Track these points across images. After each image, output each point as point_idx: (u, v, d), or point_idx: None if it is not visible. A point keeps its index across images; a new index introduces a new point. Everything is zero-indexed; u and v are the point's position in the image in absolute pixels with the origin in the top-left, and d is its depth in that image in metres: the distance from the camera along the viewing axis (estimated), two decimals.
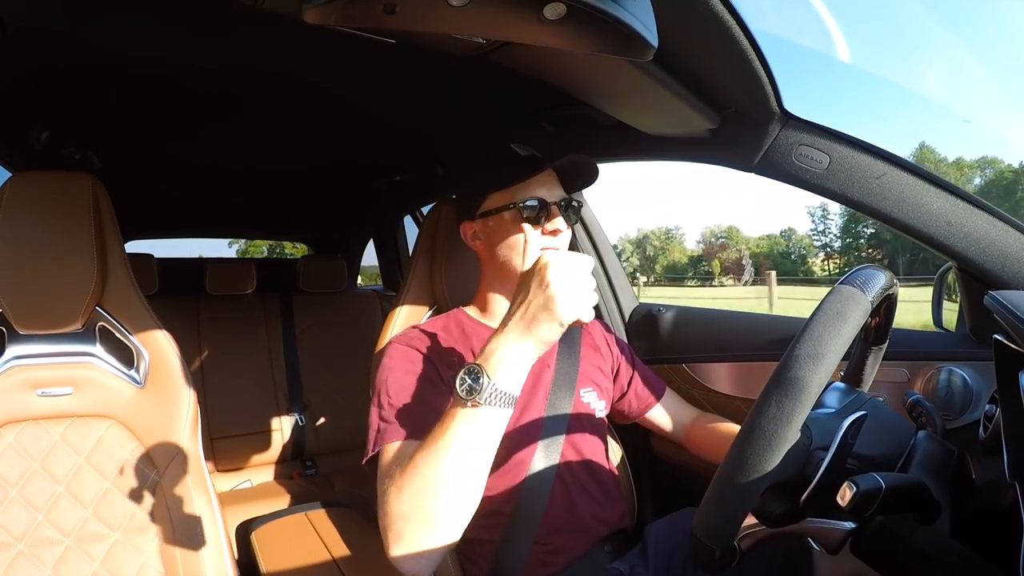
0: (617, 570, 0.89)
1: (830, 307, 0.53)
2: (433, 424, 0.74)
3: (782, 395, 0.49)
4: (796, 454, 0.54)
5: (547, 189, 0.89)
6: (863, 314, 0.52)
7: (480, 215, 0.92)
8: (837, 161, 0.89)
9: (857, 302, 0.53)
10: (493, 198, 0.90)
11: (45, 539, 0.90)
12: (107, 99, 1.14)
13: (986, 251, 0.84)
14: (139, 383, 0.96)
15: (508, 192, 0.88)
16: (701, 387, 1.28)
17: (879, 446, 0.61)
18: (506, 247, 0.89)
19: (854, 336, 0.52)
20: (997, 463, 0.56)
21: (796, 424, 0.49)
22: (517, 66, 0.80)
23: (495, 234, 0.90)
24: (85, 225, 0.90)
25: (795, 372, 0.50)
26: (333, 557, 1.09)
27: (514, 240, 0.88)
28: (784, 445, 0.49)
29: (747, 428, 0.51)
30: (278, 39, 0.86)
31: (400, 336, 0.93)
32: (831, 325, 0.51)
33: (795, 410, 0.49)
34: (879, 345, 0.68)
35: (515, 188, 0.88)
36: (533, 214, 0.87)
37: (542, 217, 0.87)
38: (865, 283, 0.54)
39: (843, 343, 0.50)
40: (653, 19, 0.54)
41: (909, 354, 0.97)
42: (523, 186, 0.87)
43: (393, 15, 0.51)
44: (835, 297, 0.53)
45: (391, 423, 0.79)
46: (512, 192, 0.88)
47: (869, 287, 0.54)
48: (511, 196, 0.88)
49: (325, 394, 2.17)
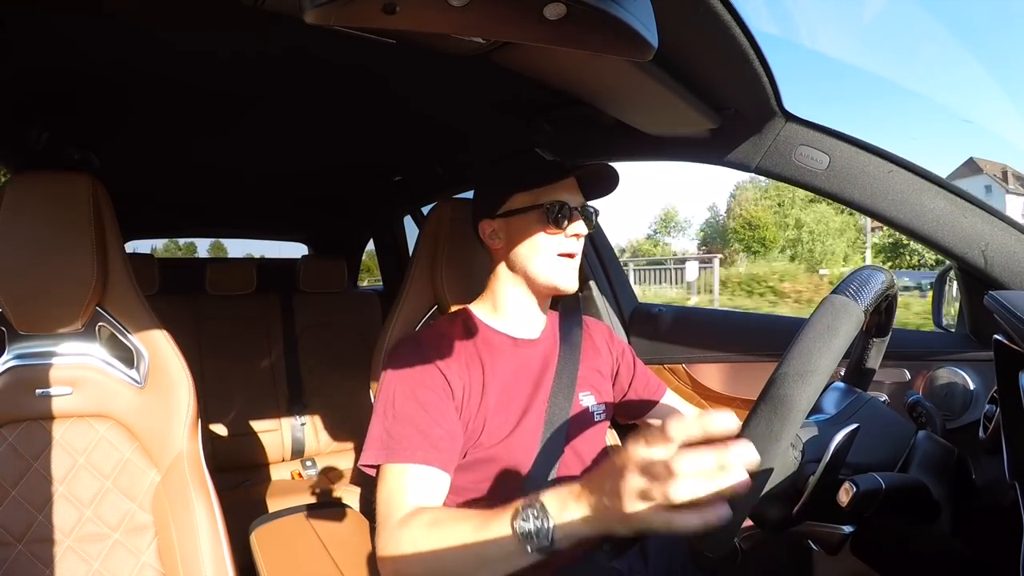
0: (616, 570, 0.89)
1: (820, 320, 0.51)
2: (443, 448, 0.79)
3: (771, 413, 0.49)
4: (787, 468, 0.54)
5: (569, 194, 0.91)
6: (856, 325, 0.51)
7: (502, 214, 0.93)
8: (837, 161, 0.89)
9: (849, 313, 0.51)
10: (517, 198, 0.91)
11: (44, 539, 0.90)
12: (107, 99, 1.14)
13: (986, 251, 0.84)
14: (139, 383, 0.96)
15: (533, 194, 0.90)
16: (701, 387, 1.28)
17: (876, 451, 0.61)
18: (527, 246, 0.91)
19: (846, 348, 0.51)
20: (997, 463, 0.56)
21: (785, 441, 0.49)
22: (517, 66, 0.80)
23: (516, 233, 0.91)
24: (85, 225, 0.90)
25: (783, 390, 0.49)
26: (333, 557, 1.09)
27: (534, 240, 0.90)
28: (774, 462, 0.49)
29: None
30: (278, 39, 0.86)
31: (408, 340, 0.93)
32: (820, 340, 0.50)
33: (784, 428, 0.49)
34: (881, 338, 0.68)
35: (540, 190, 0.90)
36: (555, 216, 0.89)
37: (564, 220, 0.89)
38: (859, 291, 0.53)
39: (833, 358, 0.50)
40: (653, 19, 0.54)
41: (909, 354, 0.97)
42: (549, 189, 0.90)
43: (393, 15, 0.51)
44: (826, 309, 0.52)
45: (398, 440, 0.80)
46: (537, 194, 0.90)
47: (863, 295, 0.53)
48: (536, 198, 0.90)
49: (325, 394, 2.17)
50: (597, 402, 0.99)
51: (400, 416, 0.81)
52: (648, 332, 1.40)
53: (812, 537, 0.59)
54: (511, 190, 0.92)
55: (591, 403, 0.98)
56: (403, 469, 0.78)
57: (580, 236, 0.91)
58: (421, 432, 0.80)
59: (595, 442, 0.98)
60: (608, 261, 1.49)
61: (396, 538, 0.71)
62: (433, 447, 0.79)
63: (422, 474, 0.78)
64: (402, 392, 0.84)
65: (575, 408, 0.95)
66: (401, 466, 0.78)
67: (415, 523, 0.70)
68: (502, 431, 0.88)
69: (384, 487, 0.78)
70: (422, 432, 0.80)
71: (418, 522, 0.70)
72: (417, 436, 0.79)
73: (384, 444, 0.80)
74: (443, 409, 0.83)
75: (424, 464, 0.78)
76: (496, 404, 0.88)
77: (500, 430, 0.87)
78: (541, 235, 0.90)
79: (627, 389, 1.07)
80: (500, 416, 0.88)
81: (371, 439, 0.83)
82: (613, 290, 1.48)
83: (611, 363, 1.06)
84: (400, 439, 0.80)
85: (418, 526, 0.70)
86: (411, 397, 0.83)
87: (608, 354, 1.07)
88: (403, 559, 0.69)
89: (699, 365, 1.29)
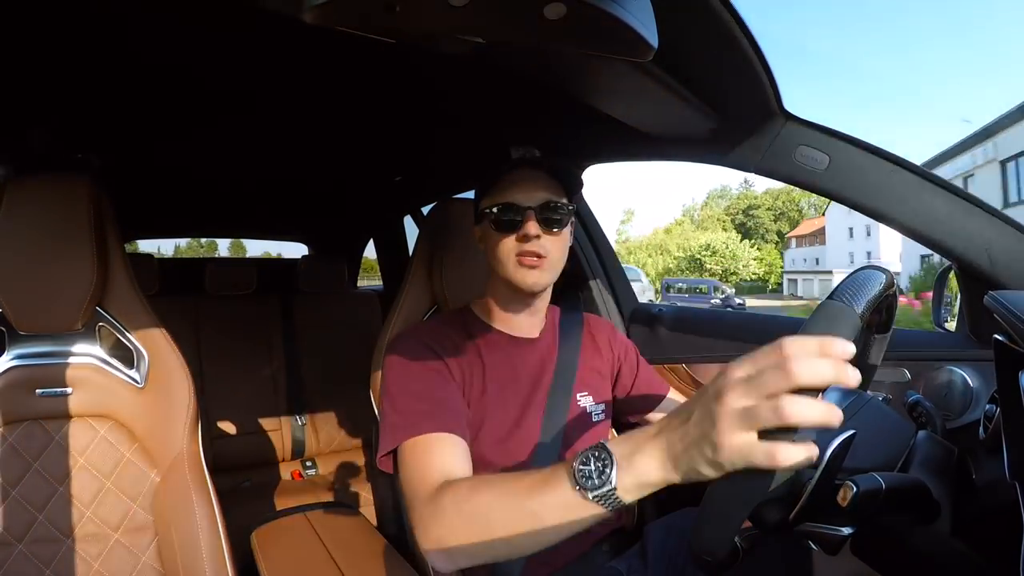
0: (615, 569, 0.89)
1: (815, 327, 0.50)
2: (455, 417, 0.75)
3: None
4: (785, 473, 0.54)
5: (524, 193, 0.85)
6: (852, 331, 0.49)
7: (477, 218, 0.92)
8: (837, 161, 0.89)
9: (845, 319, 0.50)
10: (483, 201, 0.90)
11: (44, 539, 0.90)
12: (107, 99, 1.14)
13: (986, 251, 0.84)
14: (139, 383, 0.96)
15: (491, 197, 0.88)
16: (701, 387, 1.28)
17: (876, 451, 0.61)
18: (489, 251, 0.89)
19: None
20: (997, 463, 0.56)
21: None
22: (517, 66, 0.80)
23: (484, 237, 0.91)
24: (85, 225, 0.90)
25: None
26: (333, 557, 1.09)
27: (491, 244, 0.88)
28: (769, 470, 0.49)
29: None
30: (278, 39, 0.86)
31: (407, 331, 0.93)
32: None
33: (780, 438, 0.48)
34: (883, 334, 0.68)
35: (494, 192, 0.87)
36: (499, 218, 0.85)
37: (513, 223, 0.85)
38: (854, 296, 0.51)
39: None
40: (653, 19, 0.54)
41: (909, 354, 0.97)
42: (499, 190, 0.86)
43: (393, 15, 0.51)
44: (820, 315, 0.51)
45: (408, 416, 0.78)
46: (492, 196, 0.88)
47: (858, 299, 0.51)
48: (491, 200, 0.88)
49: (325, 394, 2.17)
50: (595, 402, 0.99)
51: (407, 397, 0.80)
52: (648, 332, 1.40)
53: (812, 537, 0.59)
54: (479, 194, 0.91)
55: (589, 403, 0.98)
56: (423, 440, 0.75)
57: (531, 238, 0.83)
58: (432, 405, 0.79)
59: (594, 440, 0.98)
60: (608, 261, 1.49)
61: (434, 507, 0.65)
62: (447, 415, 0.78)
63: (443, 441, 0.75)
64: (405, 378, 0.83)
65: (573, 409, 0.95)
66: (420, 438, 0.75)
67: (452, 490, 0.65)
68: (500, 430, 0.88)
69: (406, 465, 0.75)
70: (432, 404, 0.79)
71: (457, 487, 0.65)
72: (428, 409, 0.78)
73: (396, 427, 0.78)
74: (449, 387, 0.83)
75: (443, 432, 0.75)
76: (494, 402, 0.88)
77: (498, 429, 0.87)
78: (495, 238, 0.86)
79: (630, 388, 1.07)
80: (498, 415, 0.88)
81: (383, 430, 0.81)
82: (613, 290, 1.48)
83: (612, 362, 1.06)
84: (410, 415, 0.78)
85: (458, 491, 0.64)
86: (413, 380, 0.82)
87: (609, 352, 1.06)
88: (446, 528, 0.63)
89: (699, 365, 1.30)
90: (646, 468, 0.50)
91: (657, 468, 0.49)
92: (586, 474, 0.52)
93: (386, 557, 1.10)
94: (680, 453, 0.47)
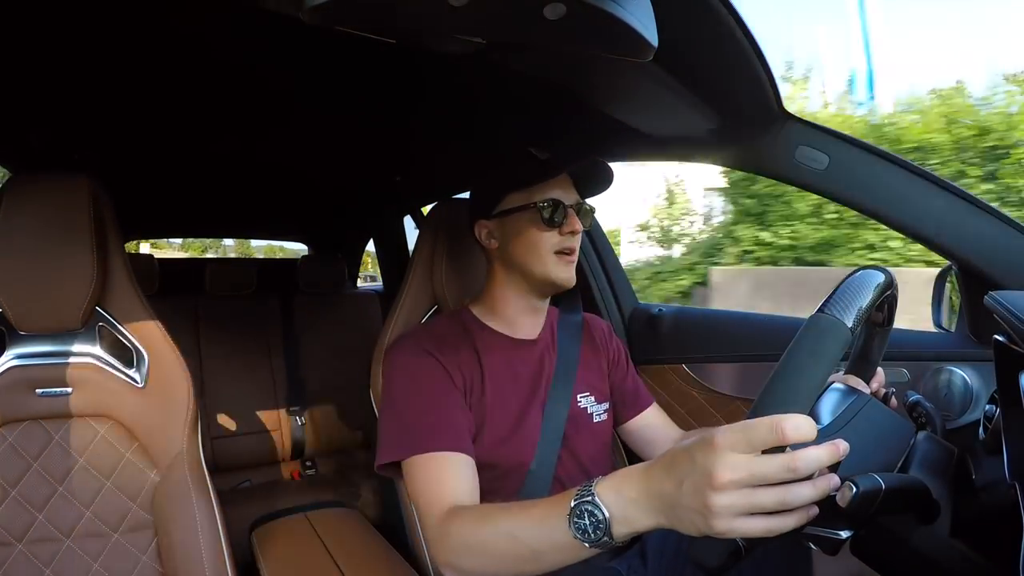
0: (615, 570, 0.89)
1: (804, 343, 0.49)
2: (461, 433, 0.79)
3: None
4: None
5: (563, 191, 0.90)
6: (842, 345, 0.49)
7: (496, 214, 0.92)
8: (837, 161, 0.89)
9: (834, 335, 0.49)
10: (510, 198, 0.90)
11: (44, 539, 0.90)
12: (107, 99, 1.14)
13: (986, 251, 0.84)
14: (139, 383, 0.96)
15: (526, 193, 0.89)
16: (701, 387, 1.28)
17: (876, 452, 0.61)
18: (522, 246, 0.90)
19: (832, 370, 0.49)
20: (997, 463, 0.56)
21: None
22: (517, 66, 0.80)
23: (512, 233, 0.91)
24: (84, 225, 0.90)
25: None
26: (333, 557, 1.09)
27: (530, 239, 0.89)
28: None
29: None
30: (278, 38, 0.86)
31: (407, 337, 0.93)
32: (803, 366, 0.48)
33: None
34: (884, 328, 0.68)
35: (533, 189, 0.89)
36: (550, 214, 0.88)
37: (559, 218, 0.88)
38: (845, 308, 0.50)
39: (817, 384, 0.48)
40: (653, 19, 0.54)
41: (909, 354, 0.97)
42: (541, 187, 0.89)
43: (393, 15, 0.51)
44: (809, 331, 0.50)
45: (417, 432, 0.79)
46: (530, 193, 0.89)
47: (850, 312, 0.50)
48: (529, 196, 0.89)
49: (325, 394, 2.17)
50: (597, 402, 0.99)
51: (413, 409, 0.81)
52: (648, 332, 1.40)
53: (811, 539, 0.58)
54: (505, 190, 0.91)
55: (590, 404, 0.98)
56: (431, 459, 0.77)
57: (576, 233, 0.90)
58: (439, 420, 0.80)
59: (596, 444, 0.98)
60: (608, 261, 1.49)
61: (444, 532, 0.70)
62: (455, 433, 0.79)
63: (451, 462, 0.78)
64: (408, 386, 0.84)
65: (573, 410, 0.94)
66: (427, 456, 0.78)
67: (459, 521, 0.70)
68: (501, 431, 0.88)
69: (415, 480, 0.78)
70: (439, 420, 0.80)
71: (463, 520, 0.69)
72: (436, 424, 0.79)
73: (403, 439, 0.80)
74: (453, 398, 0.84)
75: (449, 451, 0.78)
76: (494, 404, 0.88)
77: (499, 430, 0.87)
78: (537, 234, 0.88)
79: (613, 391, 1.06)
80: (498, 416, 0.88)
81: (386, 437, 0.83)
82: (613, 290, 1.48)
83: (607, 360, 1.06)
84: (419, 430, 0.79)
85: (464, 523, 0.69)
86: (418, 390, 0.83)
87: (605, 351, 1.06)
88: (455, 553, 0.68)
89: (699, 365, 1.30)
90: (640, 520, 0.53)
91: (651, 520, 0.52)
92: (581, 528, 0.55)
93: (386, 557, 1.10)
94: (673, 514, 0.50)
